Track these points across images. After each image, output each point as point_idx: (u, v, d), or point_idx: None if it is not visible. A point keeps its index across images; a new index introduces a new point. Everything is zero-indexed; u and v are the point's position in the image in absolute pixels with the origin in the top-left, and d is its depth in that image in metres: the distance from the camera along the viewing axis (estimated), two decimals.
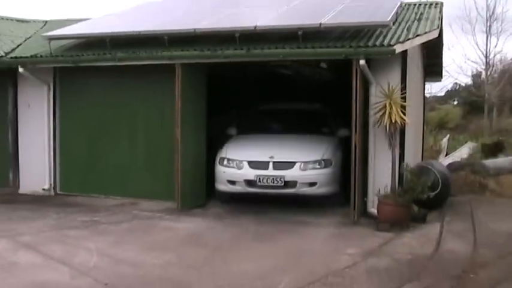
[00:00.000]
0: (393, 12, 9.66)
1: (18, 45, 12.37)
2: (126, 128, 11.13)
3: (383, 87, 9.18)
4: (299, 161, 9.71)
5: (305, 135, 10.71)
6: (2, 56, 11.48)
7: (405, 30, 9.64)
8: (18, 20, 14.42)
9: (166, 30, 10.54)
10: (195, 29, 10.23)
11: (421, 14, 10.94)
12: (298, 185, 9.59)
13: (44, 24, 14.35)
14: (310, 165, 9.74)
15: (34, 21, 14.69)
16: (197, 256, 7.24)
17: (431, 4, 11.77)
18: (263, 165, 9.75)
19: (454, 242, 8.03)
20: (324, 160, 9.83)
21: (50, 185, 11.62)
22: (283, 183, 9.58)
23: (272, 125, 11.59)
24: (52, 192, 11.61)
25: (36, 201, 11.02)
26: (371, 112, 9.39)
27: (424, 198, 8.97)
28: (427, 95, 23.45)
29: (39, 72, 11.36)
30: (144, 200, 10.62)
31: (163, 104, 10.64)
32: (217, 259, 7.13)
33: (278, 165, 9.70)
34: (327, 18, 9.67)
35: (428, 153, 17.24)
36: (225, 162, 10.11)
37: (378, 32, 9.46)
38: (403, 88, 9.33)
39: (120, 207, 10.30)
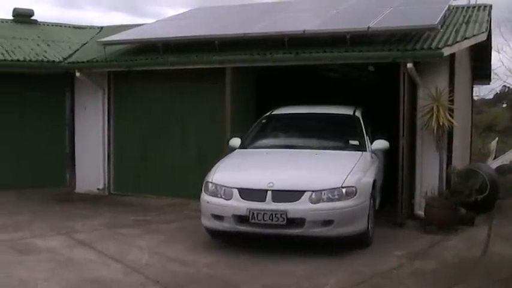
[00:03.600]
0: (441, 15, 9.64)
1: (75, 51, 12.87)
2: (177, 130, 11.37)
3: (430, 90, 9.14)
4: (309, 190, 7.15)
5: (326, 151, 8.44)
6: (60, 62, 11.98)
7: (453, 33, 9.59)
8: (75, 27, 14.97)
9: (217, 34, 10.77)
10: (245, 34, 10.43)
11: (469, 16, 10.87)
12: (306, 223, 7.08)
13: (100, 31, 14.79)
14: (325, 196, 7.16)
15: (90, 27, 15.18)
16: (245, 256, 7.36)
17: (479, 7, 11.67)
18: (259, 194, 7.24)
19: (502, 245, 7.91)
20: (344, 188, 7.24)
21: (104, 185, 11.98)
22: (285, 221, 7.09)
23: (285, 136, 9.46)
24: (106, 192, 11.97)
25: (91, 200, 11.39)
26: (418, 115, 9.36)
27: (471, 201, 8.85)
28: (475, 98, 23.08)
29: (94, 76, 11.77)
30: (195, 200, 10.69)
31: (213, 107, 10.83)
32: (264, 259, 7.23)
33: (279, 195, 7.18)
34: (375, 22, 9.72)
35: (476, 156, 16.99)
36: (211, 188, 7.69)
37: (425, 35, 9.45)
38: (451, 91, 9.28)
39: (171, 207, 10.53)
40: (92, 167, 12.04)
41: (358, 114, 9.21)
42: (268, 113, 9.67)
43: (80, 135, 12.37)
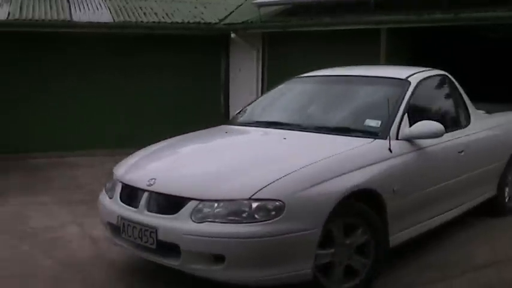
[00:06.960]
0: None
1: (231, 13, 13.17)
2: None
3: None
4: (195, 198, 4.34)
5: (310, 134, 5.44)
6: (216, 23, 12.35)
7: None
8: None
9: None
10: None
11: None
12: (183, 254, 4.32)
13: None
14: (218, 210, 4.25)
15: None
16: None
17: None
18: (135, 196, 4.76)
19: None
20: (257, 201, 4.17)
21: None
22: (154, 244, 4.48)
23: (283, 109, 6.47)
24: None
25: None
26: None
27: None
28: None
29: (249, 38, 12.03)
30: None
31: None
32: None
33: (156, 200, 4.59)
34: None
35: None
36: (111, 179, 5.32)
37: None
38: None
39: None
40: None
41: (413, 79, 5.84)
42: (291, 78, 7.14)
43: (235, 96, 12.74)
